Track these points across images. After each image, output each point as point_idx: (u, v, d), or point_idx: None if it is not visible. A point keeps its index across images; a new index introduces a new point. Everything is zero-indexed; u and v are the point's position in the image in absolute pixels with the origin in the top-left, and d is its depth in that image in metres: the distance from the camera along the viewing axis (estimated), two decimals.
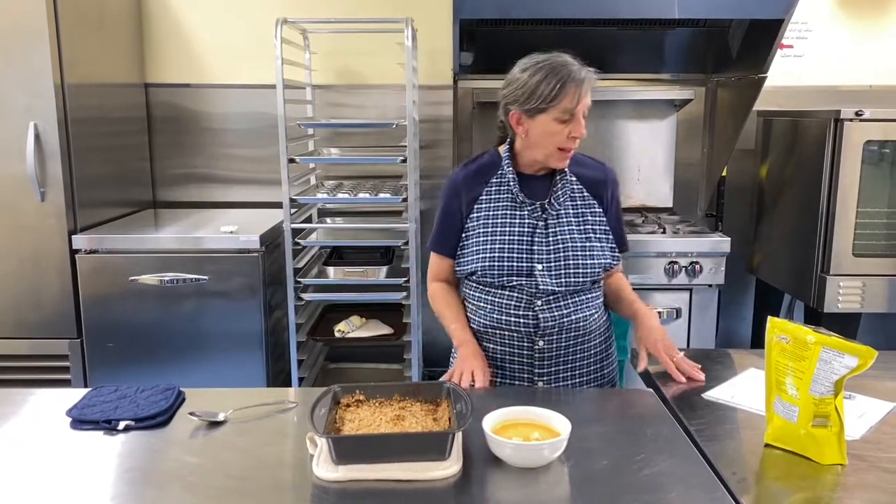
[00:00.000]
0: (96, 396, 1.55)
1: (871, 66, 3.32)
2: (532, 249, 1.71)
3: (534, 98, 1.63)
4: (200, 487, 1.22)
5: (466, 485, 1.21)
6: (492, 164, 1.80)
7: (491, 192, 1.77)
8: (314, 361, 3.21)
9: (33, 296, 2.70)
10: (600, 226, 1.77)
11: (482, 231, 1.75)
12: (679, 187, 3.41)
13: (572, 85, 1.61)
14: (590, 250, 1.73)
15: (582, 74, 1.63)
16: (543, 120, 1.65)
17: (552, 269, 1.70)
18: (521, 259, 1.71)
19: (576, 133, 1.66)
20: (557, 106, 1.63)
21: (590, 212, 1.76)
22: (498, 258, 1.71)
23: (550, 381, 1.77)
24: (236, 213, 3.18)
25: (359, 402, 1.44)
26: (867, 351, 1.24)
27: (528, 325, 1.73)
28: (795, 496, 1.21)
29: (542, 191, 1.76)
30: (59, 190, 2.64)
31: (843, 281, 2.68)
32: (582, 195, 1.77)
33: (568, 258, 1.71)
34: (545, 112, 1.64)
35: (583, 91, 1.63)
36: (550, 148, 1.69)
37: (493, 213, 1.75)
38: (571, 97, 1.62)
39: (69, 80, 2.65)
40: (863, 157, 2.60)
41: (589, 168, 1.82)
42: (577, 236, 1.73)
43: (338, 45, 3.28)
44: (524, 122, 1.69)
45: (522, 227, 1.73)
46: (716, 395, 1.59)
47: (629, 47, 3.19)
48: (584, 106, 1.65)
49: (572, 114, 1.64)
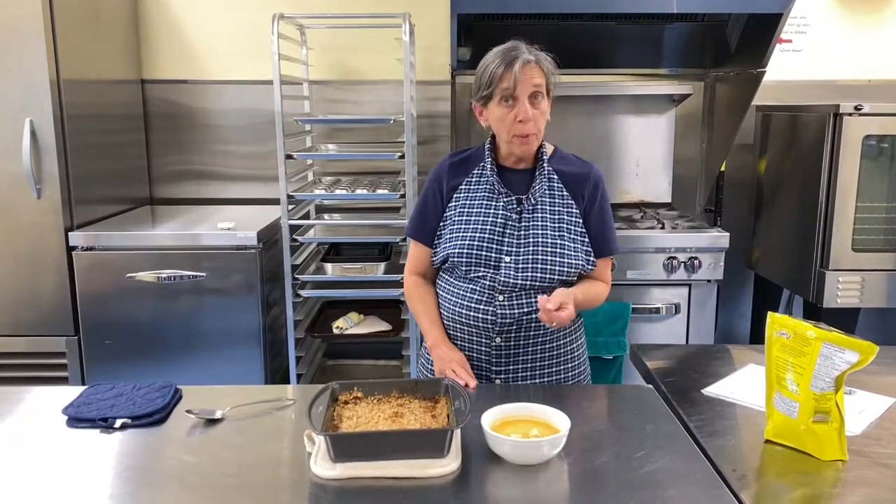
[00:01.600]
0: (93, 394, 1.54)
1: (870, 61, 3.31)
2: (503, 241, 1.70)
3: (481, 85, 1.66)
4: (198, 486, 1.21)
5: (465, 482, 1.21)
6: (478, 156, 1.80)
7: (471, 182, 1.77)
8: (312, 358, 3.21)
9: (30, 293, 2.69)
10: (576, 227, 1.73)
11: (457, 219, 1.75)
12: (678, 182, 3.40)
13: (507, 66, 1.61)
14: (560, 248, 1.70)
15: (519, 55, 1.62)
16: (492, 106, 1.67)
17: (519, 263, 1.68)
18: (490, 249, 1.69)
19: (520, 116, 1.63)
20: (497, 88, 1.63)
21: (566, 211, 1.73)
22: (468, 245, 1.70)
23: (507, 379, 1.75)
24: (233, 210, 3.17)
25: (357, 399, 1.43)
26: (868, 346, 1.23)
27: (486, 321, 1.71)
28: (796, 492, 1.20)
29: (523, 185, 1.74)
30: (55, 187, 2.63)
31: (843, 276, 2.67)
32: (561, 193, 1.74)
33: (537, 253, 1.68)
34: (492, 98, 1.65)
35: (518, 71, 1.60)
36: (505, 135, 1.68)
37: (469, 201, 1.75)
38: (508, 77, 1.61)
39: (65, 77, 2.64)
40: (862, 151, 2.60)
41: (572, 165, 1.79)
42: (550, 233, 1.70)
43: (335, 41, 3.26)
44: (483, 111, 1.71)
45: (496, 218, 1.71)
46: (716, 391, 1.59)
47: (627, 42, 3.18)
48: (526, 87, 1.62)
49: (514, 95, 1.62)
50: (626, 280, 2.81)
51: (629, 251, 2.79)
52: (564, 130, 3.27)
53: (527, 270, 1.68)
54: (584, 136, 3.30)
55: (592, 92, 3.26)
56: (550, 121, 1.71)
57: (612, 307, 2.74)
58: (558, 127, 3.31)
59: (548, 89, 1.67)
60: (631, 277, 2.82)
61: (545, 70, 1.65)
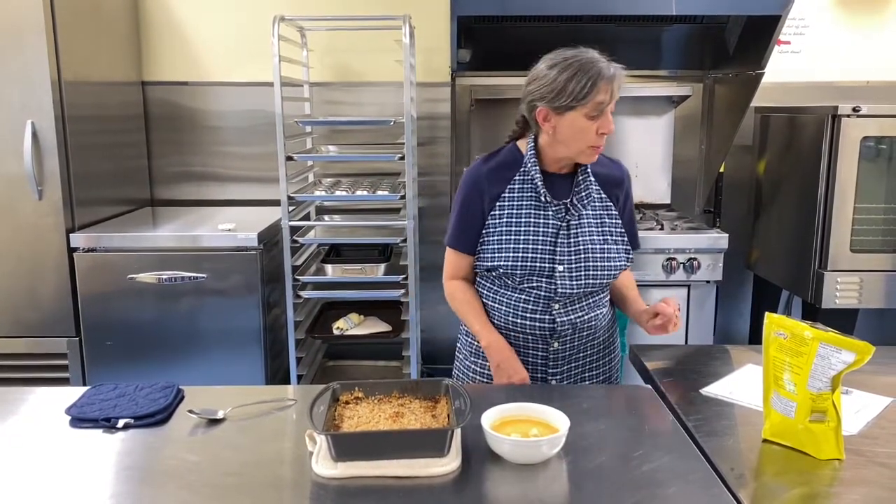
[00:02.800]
0: (95, 395, 1.55)
1: (869, 62, 3.32)
2: (555, 250, 1.70)
3: (564, 95, 1.61)
4: (199, 485, 1.22)
5: (465, 481, 1.21)
6: (513, 160, 1.77)
7: (514, 190, 1.75)
8: (313, 359, 3.21)
9: (31, 294, 2.70)
10: (616, 227, 1.77)
11: (506, 229, 1.73)
12: (677, 184, 3.41)
13: (603, 82, 1.60)
14: (608, 252, 1.73)
15: (612, 71, 1.62)
16: (572, 117, 1.63)
17: (573, 272, 1.70)
18: (543, 259, 1.70)
19: (604, 129, 1.64)
20: (589, 103, 1.61)
21: (607, 213, 1.76)
22: (521, 258, 1.70)
23: (563, 380, 1.78)
24: (234, 211, 3.18)
25: (357, 399, 1.44)
26: (864, 346, 1.24)
27: (543, 328, 1.73)
28: (793, 491, 1.21)
29: (565, 190, 1.74)
30: (56, 188, 2.64)
31: (841, 277, 2.68)
32: (600, 195, 1.77)
33: (588, 260, 1.70)
34: (575, 109, 1.62)
35: (614, 87, 1.62)
36: (580, 145, 1.66)
37: (517, 211, 1.73)
38: (604, 94, 1.61)
39: (66, 78, 2.65)
40: (860, 153, 2.60)
41: (605, 167, 1.80)
42: (597, 238, 1.73)
43: (335, 43, 3.27)
44: (552, 118, 1.65)
45: (547, 228, 1.71)
46: (714, 390, 1.59)
47: (626, 44, 3.18)
48: (614, 102, 1.64)
49: (602, 110, 1.63)
50: None
51: None
52: None
53: (580, 278, 1.70)
54: None
55: None
56: None
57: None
58: None
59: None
60: None
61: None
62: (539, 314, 1.72)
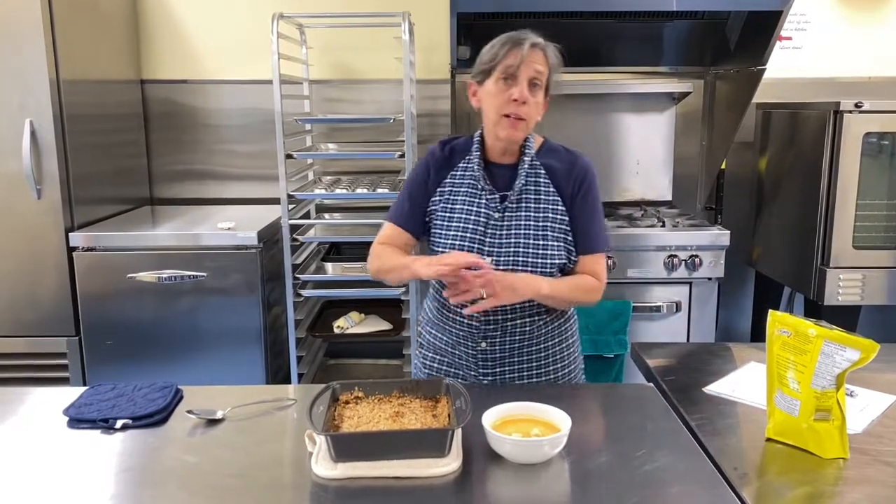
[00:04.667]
0: (93, 395, 1.54)
1: (871, 57, 3.31)
2: (484, 241, 1.65)
3: (482, 62, 1.63)
4: (198, 486, 1.21)
5: (466, 482, 1.20)
6: (465, 147, 1.74)
7: (455, 177, 1.72)
8: (313, 358, 3.21)
9: (31, 293, 2.69)
10: (560, 224, 1.67)
11: (442, 214, 1.71)
12: (678, 180, 3.40)
13: (513, 47, 1.59)
14: (543, 248, 1.64)
15: (529, 37, 1.60)
16: (489, 84, 1.62)
17: (500, 265, 1.62)
18: (471, 249, 1.64)
19: (517, 95, 1.58)
20: (499, 65, 1.59)
21: (551, 208, 1.68)
22: (451, 245, 1.66)
23: (496, 381, 1.72)
24: (234, 210, 3.17)
25: (357, 398, 1.43)
26: (869, 344, 1.23)
27: (471, 325, 1.68)
28: (797, 490, 1.20)
29: (509, 181, 1.69)
30: (55, 187, 2.63)
31: (843, 273, 2.67)
32: (547, 188, 1.69)
33: (518, 254, 1.64)
34: (490, 75, 1.61)
35: (525, 52, 1.58)
36: (495, 115, 1.62)
37: (453, 197, 1.71)
38: (513, 58, 1.58)
39: (64, 77, 2.64)
40: (862, 148, 2.59)
41: (560, 160, 1.72)
42: (532, 232, 1.65)
43: (335, 40, 3.26)
44: (477, 91, 1.67)
45: (479, 216, 1.67)
46: (716, 389, 1.58)
47: (627, 40, 3.17)
48: (529, 69, 1.59)
49: (515, 75, 1.59)
50: (627, 278, 2.81)
51: (630, 249, 2.79)
52: (565, 128, 3.26)
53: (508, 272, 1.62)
54: (584, 135, 3.30)
55: (592, 90, 3.26)
56: (550, 119, 1.69)
57: (613, 306, 2.74)
58: (558, 125, 3.32)
59: (547, 84, 1.64)
60: (632, 276, 2.81)
61: (550, 62, 1.62)
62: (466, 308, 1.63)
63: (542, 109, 1.66)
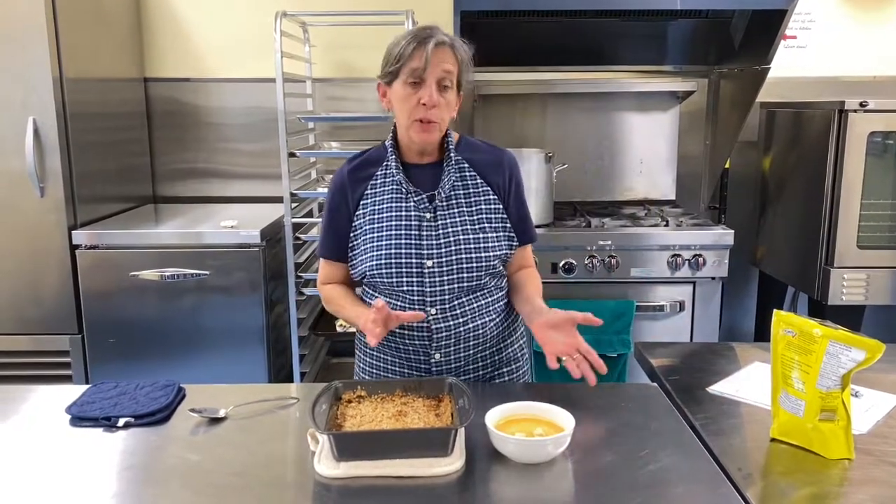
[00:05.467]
0: (96, 393, 1.54)
1: (875, 57, 3.30)
2: (421, 244, 1.58)
3: (389, 62, 1.55)
4: (201, 485, 1.21)
5: (469, 481, 1.20)
6: (377, 157, 1.67)
7: (376, 186, 1.64)
8: (316, 356, 3.20)
9: (34, 292, 2.70)
10: (495, 214, 1.63)
11: (369, 228, 1.62)
12: (682, 180, 3.39)
13: (417, 48, 1.50)
14: (483, 241, 1.60)
15: (434, 35, 1.52)
16: (397, 86, 1.55)
17: (443, 265, 1.57)
18: (409, 255, 1.58)
19: (426, 100, 1.51)
20: (405, 67, 1.52)
21: (483, 200, 1.63)
22: (386, 255, 1.58)
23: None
24: (237, 208, 3.17)
25: (360, 398, 1.43)
26: (875, 345, 1.22)
27: (422, 337, 1.61)
28: (802, 491, 1.19)
29: (432, 181, 1.62)
30: (58, 185, 2.63)
31: (848, 273, 2.66)
32: (475, 182, 1.63)
33: (459, 252, 1.58)
34: (398, 77, 1.54)
35: (430, 52, 1.50)
36: (406, 119, 1.56)
37: (379, 206, 1.62)
38: (418, 61, 1.50)
39: (68, 75, 2.64)
40: (867, 148, 2.58)
41: (483, 153, 1.68)
42: (470, 227, 1.60)
43: (338, 38, 3.26)
44: (387, 92, 1.59)
45: (410, 220, 1.59)
46: (720, 389, 1.58)
47: (631, 39, 3.16)
48: (436, 70, 1.52)
49: (422, 78, 1.52)
50: (630, 278, 2.80)
51: (633, 249, 2.78)
52: (568, 127, 3.26)
53: (452, 272, 1.58)
54: (587, 134, 3.29)
55: (596, 89, 3.25)
56: (553, 118, 1.68)
57: (617, 305, 2.73)
58: (561, 124, 3.33)
59: (459, 82, 1.57)
60: (635, 275, 2.81)
61: (459, 59, 1.55)
62: (415, 322, 1.58)
63: (454, 108, 1.60)
